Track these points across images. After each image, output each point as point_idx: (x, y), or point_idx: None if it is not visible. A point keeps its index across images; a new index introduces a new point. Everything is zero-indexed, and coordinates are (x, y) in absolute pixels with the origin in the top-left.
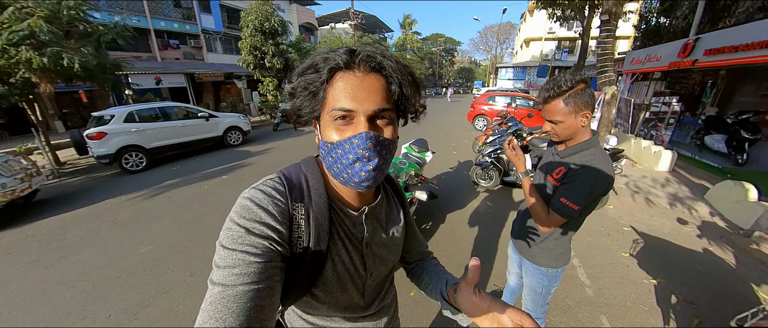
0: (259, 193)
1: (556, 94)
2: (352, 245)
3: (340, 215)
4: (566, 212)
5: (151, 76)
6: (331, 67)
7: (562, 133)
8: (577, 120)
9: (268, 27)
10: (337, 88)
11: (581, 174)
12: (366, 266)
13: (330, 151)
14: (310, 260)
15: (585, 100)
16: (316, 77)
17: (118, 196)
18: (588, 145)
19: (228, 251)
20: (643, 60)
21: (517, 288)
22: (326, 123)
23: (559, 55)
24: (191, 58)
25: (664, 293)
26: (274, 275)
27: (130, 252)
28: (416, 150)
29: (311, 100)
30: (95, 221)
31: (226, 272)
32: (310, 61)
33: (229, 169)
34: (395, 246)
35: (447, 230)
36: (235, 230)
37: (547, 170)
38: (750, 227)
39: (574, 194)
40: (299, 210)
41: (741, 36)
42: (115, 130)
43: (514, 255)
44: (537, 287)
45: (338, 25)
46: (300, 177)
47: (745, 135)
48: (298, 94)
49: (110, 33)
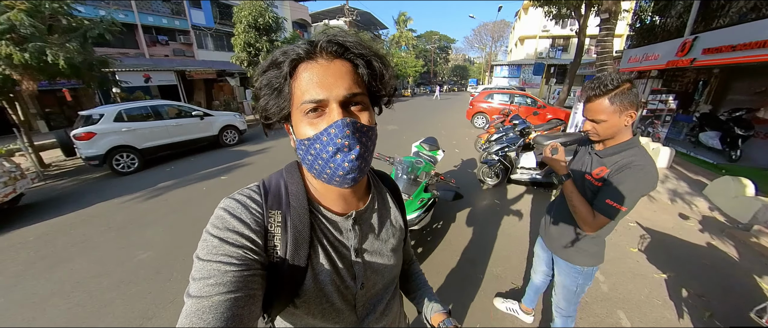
0: (234, 202)
1: (601, 93)
2: (338, 254)
3: (324, 220)
4: (612, 214)
5: (139, 73)
6: (292, 59)
7: (604, 133)
8: (621, 119)
9: (262, 23)
10: (303, 80)
11: (627, 175)
12: (355, 277)
13: (308, 149)
14: (289, 270)
15: (630, 99)
16: (277, 73)
17: (110, 199)
18: (630, 145)
19: (203, 263)
20: (640, 58)
21: (542, 286)
22: (298, 120)
23: (554, 53)
24: (181, 55)
25: (675, 287)
26: (252, 283)
27: (127, 259)
28: (427, 148)
29: (276, 99)
30: (87, 226)
31: (201, 284)
32: (270, 59)
33: (227, 169)
34: (392, 253)
35: (458, 229)
36: (210, 241)
37: (585, 169)
38: (748, 221)
39: (620, 195)
40: (275, 217)
41: (739, 35)
42: (105, 130)
43: (543, 254)
44: (571, 286)
45: (332, 21)
46: (279, 183)
47: (739, 132)
48: (262, 94)
49: (97, 28)
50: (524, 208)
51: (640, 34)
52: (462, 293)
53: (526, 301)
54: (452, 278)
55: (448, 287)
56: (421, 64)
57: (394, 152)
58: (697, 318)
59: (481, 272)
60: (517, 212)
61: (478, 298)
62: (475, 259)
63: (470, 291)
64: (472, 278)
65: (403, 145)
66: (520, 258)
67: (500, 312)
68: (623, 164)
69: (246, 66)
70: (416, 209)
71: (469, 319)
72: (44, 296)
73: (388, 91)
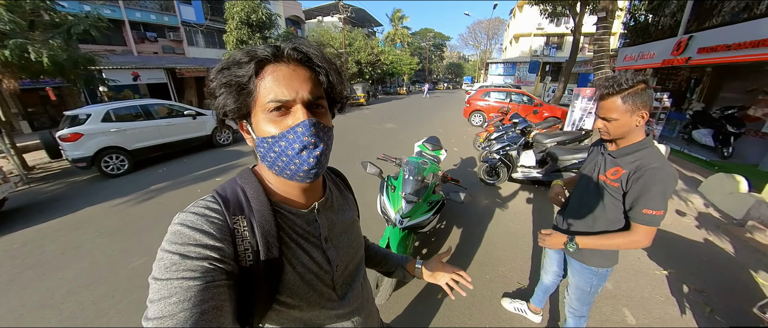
0: (191, 215)
1: (615, 92)
2: (310, 244)
3: (289, 217)
4: (655, 221)
5: (128, 71)
6: (260, 59)
7: (615, 132)
8: (633, 119)
9: (255, 19)
10: (269, 80)
11: (652, 179)
12: (330, 260)
13: (272, 146)
14: (265, 270)
15: (644, 100)
16: (242, 72)
17: (101, 203)
18: (644, 145)
19: (162, 283)
20: (636, 57)
21: (552, 287)
22: (260, 118)
23: (548, 50)
24: (171, 52)
25: (676, 283)
26: (219, 294)
27: (121, 266)
28: (430, 148)
29: (237, 96)
30: (76, 231)
31: (161, 305)
32: (231, 58)
33: (222, 170)
34: (355, 231)
35: (461, 229)
36: (168, 259)
37: (599, 169)
38: (742, 217)
39: (654, 200)
40: (240, 223)
41: (734, 35)
42: (93, 130)
43: (555, 255)
44: (585, 287)
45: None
46: (236, 190)
47: (731, 129)
48: (220, 92)
49: (82, 24)
50: (526, 206)
51: (634, 32)
52: (471, 294)
53: (535, 301)
54: None
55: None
56: (417, 62)
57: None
58: (698, 314)
59: (488, 273)
60: (519, 211)
61: (486, 298)
62: (481, 259)
63: (478, 292)
64: (480, 278)
65: (402, 143)
66: (525, 257)
67: (508, 312)
68: (640, 166)
69: None
70: (425, 211)
71: (479, 319)
72: (33, 308)
73: (342, 100)
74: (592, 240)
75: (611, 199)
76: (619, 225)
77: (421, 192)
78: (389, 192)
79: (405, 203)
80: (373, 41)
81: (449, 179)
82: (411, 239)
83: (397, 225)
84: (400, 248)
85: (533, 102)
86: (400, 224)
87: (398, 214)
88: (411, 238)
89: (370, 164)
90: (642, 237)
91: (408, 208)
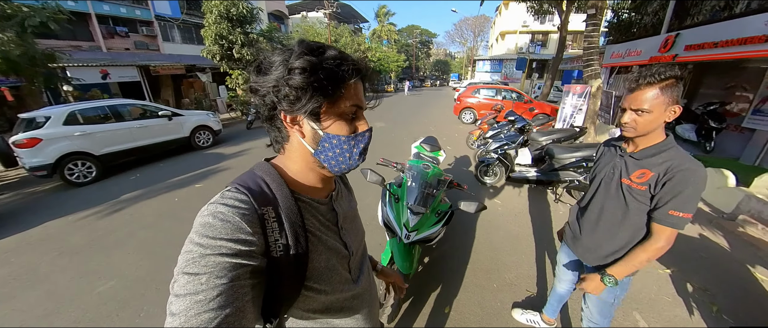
0: (222, 207)
1: (655, 82)
2: (330, 231)
3: (312, 206)
4: (681, 224)
5: (96, 69)
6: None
7: (644, 127)
8: (665, 114)
9: (235, 13)
10: (351, 89)
11: (685, 180)
12: (347, 245)
13: (337, 145)
14: (294, 259)
15: (677, 94)
16: (344, 71)
17: (64, 216)
18: (669, 145)
19: (189, 277)
20: (623, 54)
21: (566, 295)
22: (334, 119)
23: (533, 48)
24: (144, 48)
25: (680, 282)
26: (243, 296)
27: (85, 291)
28: (428, 149)
29: (323, 91)
30: (32, 251)
31: (188, 301)
32: (336, 52)
33: (202, 175)
34: (359, 219)
35: (462, 232)
36: (198, 252)
37: (620, 172)
38: (732, 211)
39: (685, 203)
40: (269, 213)
41: (721, 32)
42: (53, 134)
43: (569, 261)
44: (608, 298)
45: (311, 13)
46: (258, 182)
47: (713, 124)
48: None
49: (38, 15)
50: (524, 206)
51: (618, 30)
52: (480, 306)
53: (548, 311)
54: (467, 289)
55: (467, 300)
56: (403, 59)
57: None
58: (705, 313)
59: (495, 281)
60: (518, 212)
61: (496, 310)
62: (486, 266)
63: (487, 303)
64: (487, 287)
65: (395, 143)
66: (529, 262)
67: (521, 325)
68: (670, 167)
69: (218, 60)
70: (434, 223)
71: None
72: None
73: None
74: (624, 268)
75: (636, 204)
76: (643, 233)
77: (428, 201)
78: (392, 202)
79: (411, 214)
80: (360, 38)
81: (455, 185)
82: (417, 252)
83: (404, 240)
84: (405, 262)
85: (523, 99)
86: (407, 239)
87: (404, 227)
88: (416, 250)
89: (370, 172)
90: (665, 242)
91: (414, 220)
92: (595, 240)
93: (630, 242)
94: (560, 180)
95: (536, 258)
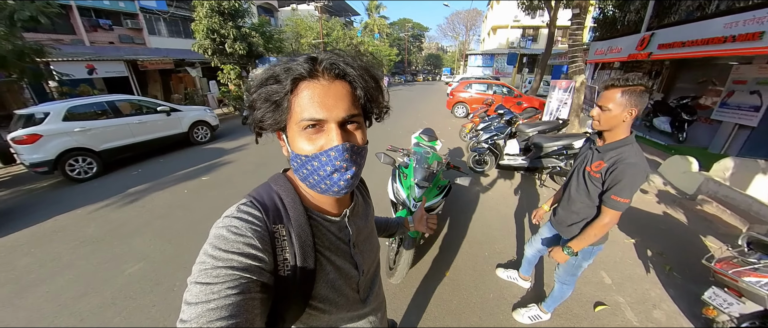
0: (235, 220)
1: (618, 85)
2: (340, 251)
3: (323, 224)
4: (620, 207)
5: (81, 63)
6: (295, 77)
7: (605, 122)
8: (622, 114)
9: (226, 7)
10: (304, 98)
11: (625, 172)
12: (357, 266)
13: (304, 164)
14: (300, 279)
15: (638, 100)
16: (278, 88)
17: (73, 210)
18: (626, 142)
19: (201, 286)
20: (605, 51)
21: (534, 259)
22: (295, 134)
23: (524, 43)
24: (129, 42)
25: (641, 249)
26: (253, 308)
27: (115, 274)
28: (426, 139)
29: (274, 112)
30: (51, 242)
31: (199, 309)
32: (269, 72)
33: (206, 169)
34: (376, 236)
35: (458, 213)
36: (210, 263)
37: (586, 162)
38: (694, 192)
39: (622, 190)
40: (280, 231)
41: (688, 33)
42: (53, 130)
43: (548, 233)
44: (571, 264)
45: (301, 6)
46: (273, 197)
47: (685, 117)
48: (259, 106)
49: (28, 9)
50: (513, 190)
51: (603, 26)
52: (474, 269)
53: (523, 270)
54: (463, 257)
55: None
56: (396, 52)
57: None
58: (659, 271)
59: (486, 250)
60: (507, 195)
61: (487, 272)
62: (479, 239)
63: (479, 266)
64: (480, 255)
65: (392, 136)
66: (515, 236)
67: (502, 280)
68: (618, 160)
69: (210, 55)
70: (436, 195)
71: (482, 288)
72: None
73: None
74: (581, 241)
75: (593, 187)
76: (595, 211)
77: (430, 178)
78: (401, 179)
79: (417, 188)
80: (352, 31)
81: (452, 166)
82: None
83: (412, 209)
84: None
85: (513, 94)
86: (415, 207)
87: (412, 199)
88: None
89: (384, 155)
90: (610, 220)
91: (420, 193)
92: (565, 214)
93: (586, 217)
94: (544, 167)
95: (522, 232)
